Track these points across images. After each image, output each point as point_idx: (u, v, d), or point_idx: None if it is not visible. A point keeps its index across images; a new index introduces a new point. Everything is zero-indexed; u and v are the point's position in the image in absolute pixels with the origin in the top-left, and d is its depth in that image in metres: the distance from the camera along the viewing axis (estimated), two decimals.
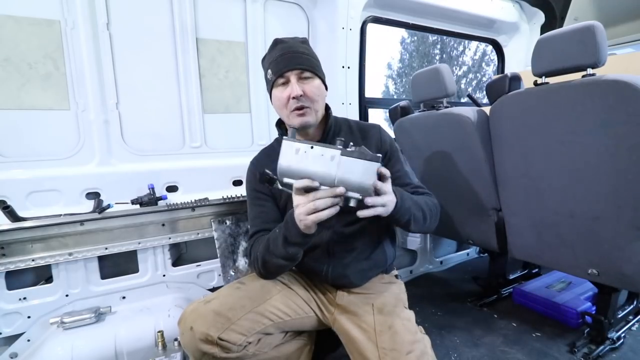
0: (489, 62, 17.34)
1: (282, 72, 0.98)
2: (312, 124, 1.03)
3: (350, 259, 1.09)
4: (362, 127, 1.15)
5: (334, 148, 0.75)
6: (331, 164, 0.75)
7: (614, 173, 1.14)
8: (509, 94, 1.42)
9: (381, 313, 1.03)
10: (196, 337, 0.91)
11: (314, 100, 1.00)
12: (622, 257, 1.17)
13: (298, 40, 1.04)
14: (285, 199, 1.08)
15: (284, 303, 1.05)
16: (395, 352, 0.92)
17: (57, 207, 1.38)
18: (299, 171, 0.76)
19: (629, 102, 1.05)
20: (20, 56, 1.30)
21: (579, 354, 1.38)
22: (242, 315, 0.95)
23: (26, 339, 1.29)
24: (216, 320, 0.92)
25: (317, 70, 1.03)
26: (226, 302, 0.98)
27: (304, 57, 1.00)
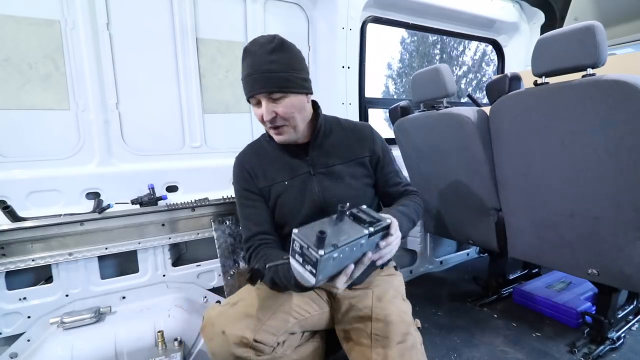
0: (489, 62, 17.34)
1: (252, 95, 0.95)
2: (291, 140, 1.03)
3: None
4: (354, 127, 1.14)
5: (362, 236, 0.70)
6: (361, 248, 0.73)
7: (614, 173, 1.14)
8: (509, 94, 1.42)
9: (380, 301, 1.03)
10: (230, 341, 0.88)
11: (288, 118, 0.97)
12: (622, 257, 1.17)
13: (267, 49, 0.92)
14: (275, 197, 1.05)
15: (302, 300, 1.06)
16: (386, 339, 0.94)
17: (57, 207, 1.38)
18: (332, 272, 0.70)
19: (629, 102, 1.05)
20: (20, 56, 1.30)
21: (579, 354, 1.38)
22: (271, 315, 0.95)
23: (26, 339, 1.29)
24: (249, 322, 0.91)
25: (289, 87, 0.94)
26: (252, 303, 0.97)
27: (271, 76, 0.92)
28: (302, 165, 1.07)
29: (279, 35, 0.96)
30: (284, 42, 0.96)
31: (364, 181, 1.09)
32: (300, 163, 1.07)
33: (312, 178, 1.06)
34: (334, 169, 1.06)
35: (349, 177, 1.07)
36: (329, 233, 0.65)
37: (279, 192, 1.06)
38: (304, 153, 1.07)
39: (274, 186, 1.07)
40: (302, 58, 1.00)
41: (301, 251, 0.65)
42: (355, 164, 1.09)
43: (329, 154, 1.08)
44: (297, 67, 0.96)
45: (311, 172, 1.06)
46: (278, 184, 1.06)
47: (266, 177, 1.08)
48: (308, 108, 1.05)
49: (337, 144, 1.09)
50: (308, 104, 1.04)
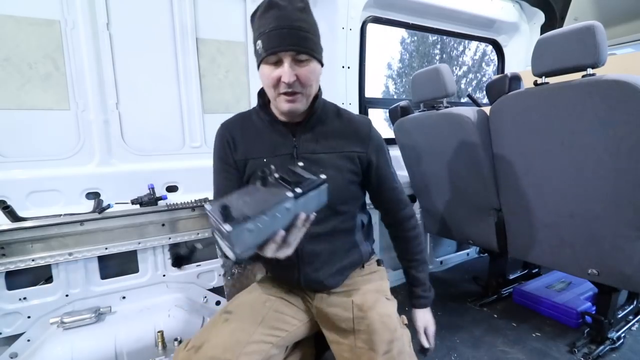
0: (489, 62, 17.34)
1: (276, 51, 0.83)
2: (300, 110, 0.93)
3: (321, 263, 1.00)
4: (352, 119, 1.04)
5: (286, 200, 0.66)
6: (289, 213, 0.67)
7: (614, 173, 1.14)
8: (509, 94, 1.42)
9: (361, 310, 0.97)
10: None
11: (307, 85, 0.88)
12: (622, 257, 1.17)
13: (297, 6, 0.84)
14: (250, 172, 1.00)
15: (279, 319, 0.99)
16: (371, 352, 0.89)
17: (57, 207, 1.38)
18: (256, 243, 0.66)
19: (629, 102, 1.05)
20: (20, 56, 1.30)
21: (579, 354, 1.38)
22: (241, 351, 0.86)
23: (26, 339, 1.29)
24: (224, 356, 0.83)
25: (316, 51, 0.87)
26: (219, 343, 0.87)
27: (302, 36, 0.83)
28: (287, 145, 0.98)
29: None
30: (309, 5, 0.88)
31: (348, 176, 1.00)
32: (285, 143, 0.98)
33: (294, 161, 0.97)
34: (319, 156, 0.98)
35: (333, 168, 0.97)
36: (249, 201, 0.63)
37: (255, 167, 0.98)
38: (291, 134, 0.98)
39: (251, 161, 0.99)
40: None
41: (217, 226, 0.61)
42: (342, 156, 0.99)
43: (317, 141, 0.99)
44: (319, 34, 0.90)
45: (294, 154, 0.97)
46: (256, 159, 0.99)
47: (246, 150, 1.00)
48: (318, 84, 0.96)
49: (328, 132, 1.00)
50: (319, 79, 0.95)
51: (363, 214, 1.11)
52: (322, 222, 0.96)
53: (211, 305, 1.61)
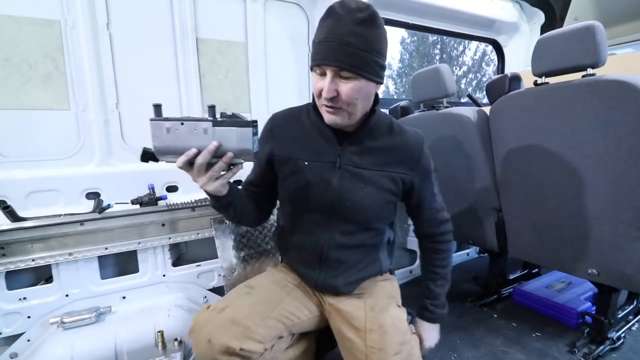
0: (489, 62, 17.35)
1: (319, 64, 0.83)
2: (341, 125, 0.91)
3: (342, 270, 1.03)
4: (404, 137, 1.00)
5: (205, 120, 0.74)
6: (206, 137, 0.75)
7: (614, 173, 1.14)
8: (509, 94, 1.42)
9: (373, 311, 1.00)
10: (215, 349, 0.86)
11: (350, 103, 0.85)
12: (622, 257, 1.17)
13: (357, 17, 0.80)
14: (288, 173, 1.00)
15: (294, 305, 1.03)
16: (382, 351, 0.91)
17: (57, 207, 1.38)
18: (175, 149, 0.76)
19: (629, 102, 1.05)
20: (20, 56, 1.30)
21: (579, 354, 1.38)
22: (260, 323, 0.92)
23: (26, 339, 1.29)
24: (235, 331, 0.87)
25: (364, 69, 0.82)
26: (241, 309, 0.93)
27: (349, 51, 0.79)
28: (331, 153, 0.96)
29: (373, 8, 0.83)
30: (377, 15, 0.83)
31: (387, 197, 0.99)
32: (330, 150, 0.96)
33: (335, 171, 0.96)
34: (362, 172, 0.96)
35: (374, 186, 0.96)
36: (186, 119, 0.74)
37: (294, 169, 0.98)
38: (337, 142, 0.96)
39: (292, 161, 0.99)
40: (386, 41, 0.87)
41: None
42: (384, 176, 0.97)
43: (362, 155, 0.96)
44: (379, 50, 0.84)
45: (337, 164, 0.96)
46: (297, 160, 0.98)
47: (289, 149, 0.99)
48: (371, 99, 0.92)
49: (376, 148, 0.97)
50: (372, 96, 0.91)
51: (391, 231, 1.15)
52: (352, 235, 1.01)
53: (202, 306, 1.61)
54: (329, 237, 0.99)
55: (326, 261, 1.01)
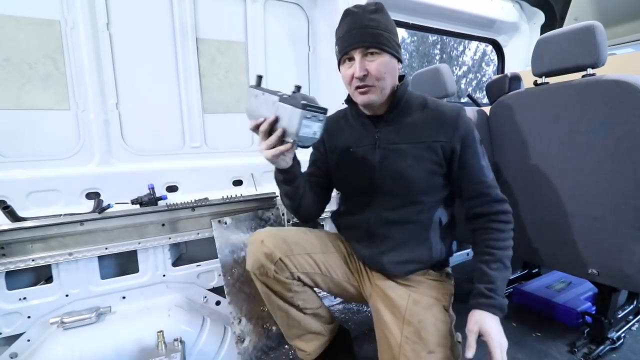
0: (489, 62, 17.35)
1: (347, 50, 0.94)
2: (375, 102, 1.00)
3: (388, 247, 1.06)
4: (438, 108, 1.04)
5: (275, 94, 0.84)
6: (272, 109, 0.84)
7: (614, 173, 1.14)
8: (509, 94, 1.42)
9: (416, 305, 0.99)
10: (262, 250, 1.04)
11: (380, 78, 0.95)
12: (622, 257, 1.17)
13: (369, 9, 0.94)
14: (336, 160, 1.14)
15: (336, 263, 1.14)
16: (417, 345, 0.91)
17: (57, 207, 1.38)
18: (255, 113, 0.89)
19: (629, 102, 1.05)
20: (20, 56, 1.30)
21: (579, 354, 1.38)
22: (301, 253, 1.08)
23: (26, 339, 1.29)
24: (282, 246, 1.05)
25: (386, 45, 0.93)
26: (294, 236, 1.11)
27: (370, 32, 0.92)
28: (369, 136, 1.07)
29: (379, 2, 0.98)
30: (384, 7, 0.97)
31: (429, 167, 1.01)
32: (369, 135, 1.07)
33: (376, 151, 1.05)
34: (399, 147, 1.02)
35: (412, 158, 1.01)
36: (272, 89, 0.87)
37: (341, 156, 1.12)
38: (374, 125, 1.07)
39: (339, 149, 1.12)
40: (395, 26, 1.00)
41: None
42: (423, 147, 1.00)
43: (398, 132, 1.03)
44: (394, 31, 0.97)
45: (376, 144, 1.05)
46: (343, 149, 1.11)
47: (337, 139, 1.14)
48: (397, 75, 1.02)
49: (410, 123, 1.03)
50: (397, 72, 1.02)
51: (443, 212, 1.09)
52: (398, 208, 1.05)
53: (211, 305, 1.61)
54: (376, 214, 1.07)
55: (373, 237, 1.09)
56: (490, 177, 1.03)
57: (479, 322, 0.89)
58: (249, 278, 1.57)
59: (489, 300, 0.92)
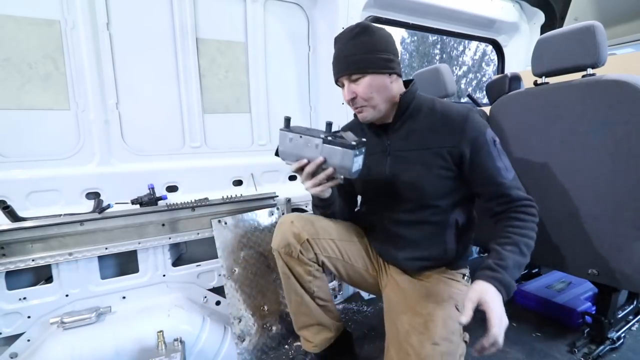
0: (489, 62, 17.36)
1: (337, 78, 1.04)
2: (372, 119, 1.06)
3: (403, 245, 1.12)
4: (447, 112, 1.03)
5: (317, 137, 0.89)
6: (316, 150, 0.90)
7: (614, 173, 1.14)
8: (509, 94, 1.42)
9: (428, 299, 1.02)
10: (292, 229, 1.10)
11: (367, 98, 1.01)
12: (622, 257, 1.17)
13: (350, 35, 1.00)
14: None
15: (358, 253, 1.20)
16: (422, 335, 0.92)
17: (57, 207, 1.38)
18: (293, 155, 0.94)
19: (629, 102, 1.05)
20: (20, 56, 1.30)
21: (579, 354, 1.38)
22: (326, 238, 1.14)
23: (26, 339, 1.29)
24: (310, 228, 1.11)
25: (367, 67, 0.99)
26: (321, 221, 1.17)
27: (350, 60, 0.99)
28: (381, 144, 1.11)
29: (365, 22, 1.02)
30: (368, 27, 1.00)
31: (437, 172, 1.02)
32: (379, 142, 1.12)
33: (386, 158, 1.10)
34: (408, 154, 1.06)
35: (421, 165, 1.03)
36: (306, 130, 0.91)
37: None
38: (384, 133, 1.11)
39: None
40: (388, 40, 1.02)
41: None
42: (431, 153, 1.02)
43: (407, 138, 1.06)
44: (379, 49, 0.99)
45: (386, 152, 1.10)
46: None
47: None
48: (392, 88, 1.04)
49: (418, 129, 1.05)
50: (392, 84, 1.03)
51: (460, 213, 1.10)
52: (412, 211, 1.09)
53: (211, 305, 1.61)
54: (391, 215, 1.13)
55: (389, 235, 1.15)
56: (509, 177, 0.99)
57: (480, 292, 0.84)
58: (249, 278, 1.58)
59: (495, 274, 0.87)
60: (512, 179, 1.00)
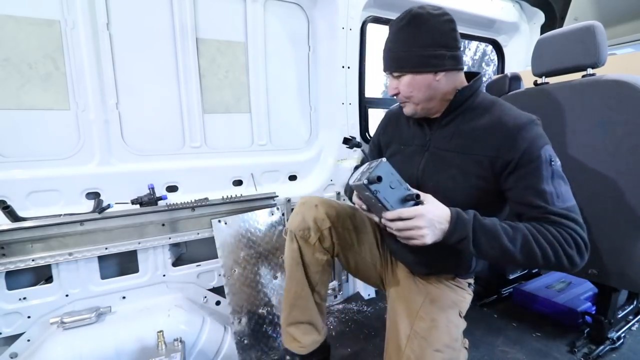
0: (489, 62, 17.34)
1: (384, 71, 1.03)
2: (412, 114, 1.03)
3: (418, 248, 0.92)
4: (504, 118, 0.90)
5: (385, 208, 0.84)
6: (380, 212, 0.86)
7: (614, 173, 1.14)
8: (509, 93, 1.42)
9: (432, 304, 1.01)
10: (315, 214, 1.09)
11: (408, 96, 0.98)
12: (622, 257, 1.17)
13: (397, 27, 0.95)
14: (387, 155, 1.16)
15: (370, 245, 1.20)
16: (424, 341, 0.92)
17: (57, 207, 1.38)
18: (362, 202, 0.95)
19: (629, 102, 1.05)
20: (20, 56, 1.30)
21: (579, 354, 1.38)
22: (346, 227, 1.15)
23: (26, 339, 1.29)
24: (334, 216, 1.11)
25: (405, 66, 0.94)
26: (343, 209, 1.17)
27: (391, 57, 0.97)
28: (422, 137, 1.05)
29: (417, 10, 0.92)
30: (418, 16, 0.91)
31: (474, 181, 0.92)
32: (422, 135, 1.06)
33: (424, 154, 1.03)
34: (446, 154, 0.97)
35: (457, 169, 0.94)
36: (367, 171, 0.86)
37: (392, 152, 1.15)
38: (428, 127, 1.04)
39: (392, 145, 1.16)
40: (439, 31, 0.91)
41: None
42: (471, 159, 0.92)
43: (452, 138, 0.97)
44: (423, 44, 0.91)
45: (425, 147, 1.03)
46: (395, 144, 1.15)
47: (392, 135, 1.18)
48: (439, 86, 0.95)
49: (466, 130, 0.95)
50: (439, 82, 0.94)
51: None
52: None
53: (211, 305, 1.61)
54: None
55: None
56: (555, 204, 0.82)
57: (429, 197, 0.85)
58: (249, 278, 1.58)
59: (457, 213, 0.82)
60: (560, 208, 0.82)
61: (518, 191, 0.86)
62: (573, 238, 0.80)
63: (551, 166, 0.85)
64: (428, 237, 0.79)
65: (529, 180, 0.84)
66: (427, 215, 0.79)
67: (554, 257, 0.79)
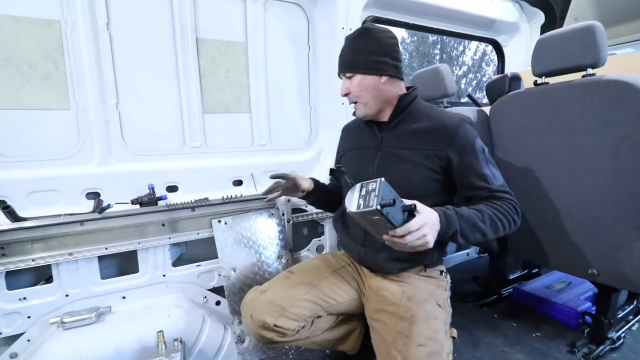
0: (489, 62, 17.33)
1: (338, 74, 1.16)
2: (363, 116, 1.15)
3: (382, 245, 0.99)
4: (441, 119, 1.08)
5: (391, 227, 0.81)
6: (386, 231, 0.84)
7: (614, 173, 1.14)
8: (509, 94, 1.42)
9: (409, 301, 1.05)
10: (256, 324, 1.08)
11: (357, 95, 1.11)
12: (622, 257, 1.17)
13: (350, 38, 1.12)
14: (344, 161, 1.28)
15: (331, 288, 1.17)
16: (407, 339, 0.95)
17: (57, 207, 1.38)
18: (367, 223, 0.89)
19: (629, 102, 1.05)
20: (20, 56, 1.30)
21: (579, 354, 1.38)
22: (294, 303, 1.09)
23: (26, 339, 1.29)
24: (271, 309, 1.07)
25: (358, 67, 1.09)
26: (278, 291, 1.12)
27: (345, 60, 1.11)
28: (374, 140, 1.18)
29: (368, 25, 1.11)
30: (368, 30, 1.09)
31: (422, 171, 1.06)
32: (373, 138, 1.18)
33: (377, 153, 1.15)
34: (399, 152, 1.10)
35: (409, 163, 1.07)
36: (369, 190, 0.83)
37: (348, 157, 1.27)
38: (379, 130, 1.17)
39: (348, 151, 1.28)
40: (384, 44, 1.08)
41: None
42: (419, 153, 1.07)
43: (401, 137, 1.12)
44: (371, 51, 1.07)
45: (378, 147, 1.15)
46: (350, 150, 1.27)
47: (348, 142, 1.31)
48: (384, 89, 1.10)
49: (412, 131, 1.10)
50: (384, 85, 1.10)
51: None
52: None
53: (211, 305, 1.61)
54: None
55: (368, 236, 1.13)
56: (496, 184, 1.03)
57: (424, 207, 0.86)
58: (249, 278, 1.58)
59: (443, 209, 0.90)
60: (499, 186, 1.04)
61: (464, 177, 1.04)
62: (514, 207, 1.01)
63: (484, 154, 1.06)
64: (431, 241, 0.85)
65: (472, 167, 1.03)
66: (428, 222, 0.84)
67: (508, 224, 0.98)
